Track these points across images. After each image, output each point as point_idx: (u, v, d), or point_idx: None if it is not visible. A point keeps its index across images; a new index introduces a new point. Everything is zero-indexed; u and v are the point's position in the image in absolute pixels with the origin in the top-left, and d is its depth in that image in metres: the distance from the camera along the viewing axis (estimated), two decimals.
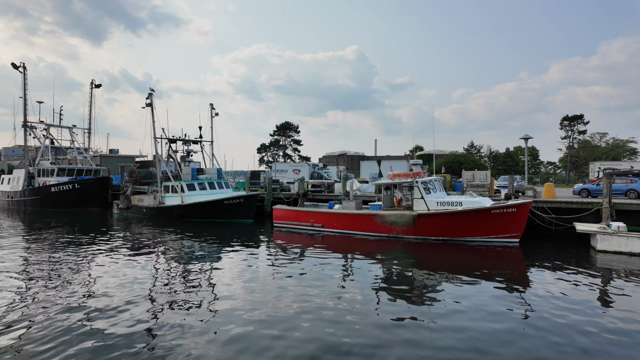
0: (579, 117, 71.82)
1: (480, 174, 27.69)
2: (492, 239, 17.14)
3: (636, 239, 14.48)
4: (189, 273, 12.16)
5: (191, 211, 26.56)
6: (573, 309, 8.76)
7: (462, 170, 32.70)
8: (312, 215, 21.50)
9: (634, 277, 11.46)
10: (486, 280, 11.24)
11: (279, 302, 9.23)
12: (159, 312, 8.54)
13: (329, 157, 67.28)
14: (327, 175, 39.13)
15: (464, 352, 6.62)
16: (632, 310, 8.70)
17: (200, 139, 30.86)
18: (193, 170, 28.55)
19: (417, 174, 18.59)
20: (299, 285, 10.62)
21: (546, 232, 19.07)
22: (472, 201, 17.59)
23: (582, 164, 61.19)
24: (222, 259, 14.43)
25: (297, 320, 8.02)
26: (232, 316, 8.28)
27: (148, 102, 28.33)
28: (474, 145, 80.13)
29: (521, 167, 64.36)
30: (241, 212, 25.41)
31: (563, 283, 10.97)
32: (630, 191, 20.78)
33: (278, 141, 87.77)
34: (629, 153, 60.99)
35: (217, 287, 10.60)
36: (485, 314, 8.41)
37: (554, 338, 7.17)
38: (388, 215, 18.56)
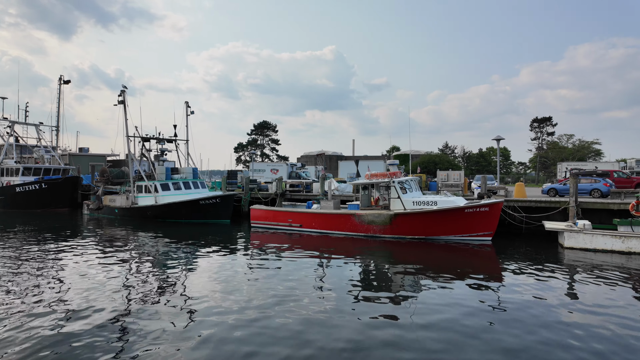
0: (548, 119, 74.72)
1: (454, 174, 28.36)
2: (465, 238, 17.58)
3: (600, 236, 15.18)
4: (163, 275, 11.87)
5: (165, 212, 25.95)
6: (541, 304, 9.08)
7: (437, 170, 33.39)
8: (290, 215, 21.43)
9: (598, 273, 12.00)
10: (460, 277, 11.50)
11: (256, 303, 9.13)
12: (131, 316, 8.28)
13: (307, 157, 67.19)
14: (305, 175, 39.02)
15: (437, 344, 6.75)
16: (595, 304, 9.10)
17: (175, 138, 30.19)
18: (167, 169, 27.90)
19: (394, 174, 18.84)
20: (276, 286, 10.54)
21: (517, 230, 19.72)
22: (447, 201, 17.98)
23: (550, 164, 63.67)
24: (197, 260, 14.16)
25: (273, 321, 7.96)
26: (207, 319, 8.13)
27: (120, 100, 27.46)
28: (448, 146, 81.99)
29: (493, 167, 66.31)
30: (217, 213, 25.03)
31: (532, 279, 11.36)
32: (594, 190, 21.77)
33: (256, 140, 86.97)
34: (593, 154, 63.98)
35: (192, 289, 10.38)
36: (458, 310, 8.59)
37: (523, 332, 7.41)
38: (366, 215, 18.72)
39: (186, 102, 31.01)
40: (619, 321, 8.01)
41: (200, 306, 8.90)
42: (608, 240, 15.00)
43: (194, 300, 9.37)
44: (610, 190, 21.21)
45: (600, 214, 18.24)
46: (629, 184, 24.75)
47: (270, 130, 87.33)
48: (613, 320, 8.04)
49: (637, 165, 42.10)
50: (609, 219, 17.17)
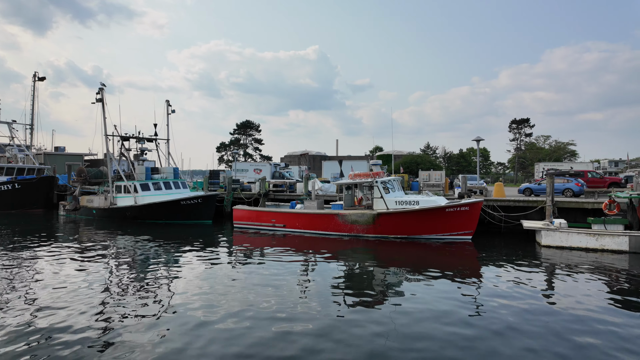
0: (526, 121, 76.72)
1: (435, 174, 28.81)
2: (447, 236, 17.87)
3: (575, 234, 15.67)
4: (143, 278, 11.62)
5: (145, 212, 25.42)
6: (519, 299, 9.29)
7: (419, 170, 33.83)
8: (274, 215, 21.32)
9: (573, 269, 12.38)
10: (441, 275, 11.67)
11: (239, 304, 9.03)
12: (108, 321, 8.07)
13: (291, 157, 67.05)
14: (289, 175, 38.89)
15: (417, 341, 6.82)
16: (570, 300, 9.38)
17: (155, 137, 29.61)
18: (147, 169, 27.34)
19: (377, 174, 18.99)
20: (259, 287, 10.46)
21: (496, 228, 20.16)
22: (428, 200, 18.23)
23: (528, 165, 65.40)
24: (178, 261, 13.92)
25: (256, 322, 7.89)
26: (188, 321, 7.99)
27: (99, 98, 26.78)
28: (430, 147, 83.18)
29: (473, 168, 67.66)
30: (199, 213, 24.69)
31: (511, 276, 11.63)
32: (566, 190, 22.50)
33: (238, 140, 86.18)
34: (569, 154, 66.08)
35: (174, 291, 10.20)
36: (438, 308, 8.71)
37: (501, 327, 7.57)
38: (349, 215, 18.80)
39: (167, 101, 30.48)
40: (594, 316, 8.27)
41: (182, 309, 8.75)
42: (583, 238, 15.50)
43: (175, 303, 9.20)
44: (583, 189, 21.98)
45: (575, 213, 18.83)
46: (602, 183, 25.63)
47: (253, 129, 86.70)
48: (588, 315, 8.30)
49: (610, 166, 43.70)
50: (584, 218, 17.75)
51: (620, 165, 49.06)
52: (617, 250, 14.79)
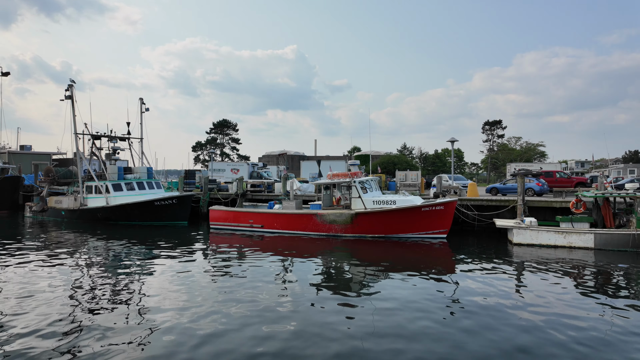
0: (498, 123, 79.04)
1: (412, 174, 29.29)
2: (422, 235, 18.18)
3: (544, 232, 16.26)
4: (115, 281, 11.25)
5: (118, 213, 24.66)
6: (491, 295, 9.55)
7: (396, 170, 34.29)
8: (252, 215, 21.11)
9: (543, 266, 12.83)
10: (418, 273, 11.85)
11: (216, 306, 8.88)
12: (78, 327, 7.77)
13: (269, 157, 66.62)
14: (267, 174, 38.61)
15: (398, 339, 6.91)
16: (539, 295, 9.72)
17: (129, 136, 28.78)
18: (120, 169, 26.51)
19: (355, 174, 19.12)
20: (236, 288, 10.32)
21: (470, 227, 20.68)
22: (405, 200, 18.50)
23: (500, 165, 67.39)
24: (152, 264, 13.56)
25: (233, 325, 7.78)
26: (162, 325, 7.79)
27: (68, 94, 25.77)
28: (406, 147, 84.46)
29: (448, 168, 69.18)
30: (174, 214, 24.16)
31: (484, 273, 11.95)
32: (528, 189, 23.50)
33: (215, 139, 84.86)
34: (539, 155, 68.54)
35: (147, 294, 9.93)
36: (415, 304, 8.85)
37: (474, 322, 7.77)
38: (327, 215, 18.84)
39: (140, 99, 29.67)
40: (560, 310, 8.60)
41: (155, 312, 8.52)
42: (552, 236, 16.10)
43: (148, 306, 8.95)
44: (543, 189, 23.13)
45: (545, 212, 19.54)
46: (569, 183, 26.72)
47: (230, 129, 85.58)
48: (555, 310, 8.62)
49: (577, 166, 45.63)
50: (553, 216, 18.43)
51: (586, 166, 51.42)
52: (584, 247, 15.45)
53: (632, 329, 7.57)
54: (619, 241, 15.09)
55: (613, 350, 6.67)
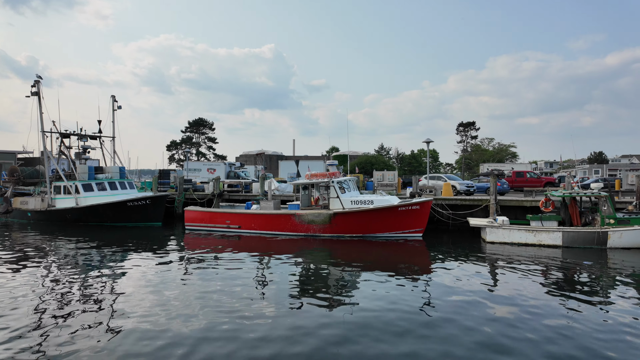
0: (472, 124, 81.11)
1: (389, 174, 29.64)
2: (399, 234, 18.44)
3: (516, 231, 16.79)
4: (85, 285, 10.84)
5: (88, 214, 23.81)
6: (464, 292, 9.79)
7: (373, 170, 34.61)
8: (229, 216, 20.82)
9: (514, 264, 13.25)
10: (394, 272, 11.99)
11: (190, 308, 8.70)
12: (44, 335, 7.43)
13: (247, 156, 65.93)
14: (244, 174, 38.18)
15: (374, 338, 6.96)
16: (510, 291, 10.03)
17: (100, 134, 27.81)
18: (90, 168, 25.59)
19: (333, 174, 19.17)
20: (212, 291, 10.13)
21: (445, 226, 21.12)
22: (382, 199, 18.71)
23: (474, 165, 69.23)
24: (124, 266, 13.15)
25: (208, 328, 7.63)
26: (134, 329, 7.56)
27: (34, 91, 24.67)
28: (383, 148, 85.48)
29: (424, 168, 70.48)
30: (148, 215, 23.54)
31: (458, 271, 12.21)
32: (488, 189, 24.42)
33: (191, 138, 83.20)
34: (510, 156, 70.83)
35: (119, 297, 9.61)
36: (392, 302, 8.95)
37: (447, 317, 7.94)
38: (306, 215, 18.81)
39: (112, 96, 28.73)
40: (530, 306, 8.90)
41: (128, 316, 8.26)
42: (523, 234, 16.65)
43: (120, 310, 8.67)
44: (503, 188, 24.51)
45: (516, 211, 20.19)
46: (539, 183, 27.74)
47: (206, 127, 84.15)
48: (525, 305, 8.91)
49: (546, 167, 47.44)
50: (524, 215, 19.06)
51: (554, 166, 53.56)
52: (553, 245, 16.06)
53: (594, 323, 7.90)
54: (585, 239, 15.77)
55: (576, 343, 6.94)
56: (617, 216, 15.77)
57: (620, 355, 6.51)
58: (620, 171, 35.50)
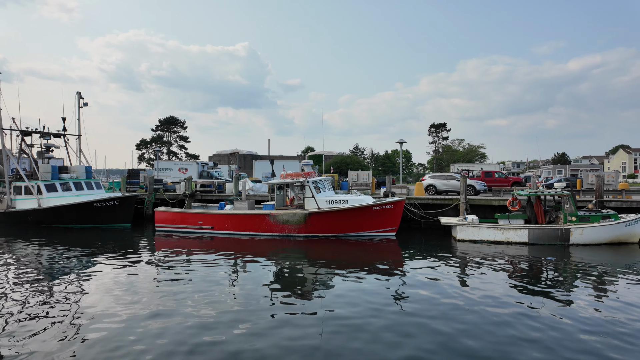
0: (443, 125, 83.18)
1: (363, 174, 29.89)
2: (373, 233, 18.65)
3: (485, 229, 17.34)
4: (47, 290, 10.32)
5: (52, 216, 22.73)
6: (436, 288, 10.02)
7: (348, 170, 34.85)
8: (201, 217, 20.39)
9: (483, 260, 13.67)
10: (369, 270, 12.12)
11: (161, 312, 8.45)
12: (8, 340, 7.02)
13: (220, 156, 64.79)
14: (217, 174, 37.52)
15: (351, 337, 7.00)
16: (478, 287, 10.34)
17: (64, 132, 26.60)
18: (54, 168, 24.42)
19: (308, 174, 19.15)
20: (183, 293, 9.88)
21: (417, 225, 21.55)
22: (357, 199, 18.86)
23: (445, 166, 70.95)
24: (91, 270, 12.61)
25: (179, 333, 7.44)
26: (101, 336, 7.27)
27: None
28: (358, 148, 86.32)
29: (397, 168, 71.64)
30: (116, 216, 22.73)
31: (430, 269, 12.48)
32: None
33: (161, 137, 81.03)
34: (479, 156, 73.09)
35: (85, 303, 9.21)
36: (366, 301, 9.03)
37: (423, 316, 8.09)
38: (281, 215, 18.69)
39: (78, 93, 27.56)
40: (495, 300, 9.21)
41: (94, 322, 7.93)
42: (491, 232, 17.21)
43: (86, 316, 8.31)
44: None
45: (485, 209, 20.86)
46: (506, 182, 28.73)
47: (178, 126, 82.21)
48: (491, 300, 9.22)
49: (513, 167, 49.26)
50: (492, 214, 19.70)
51: (521, 167, 55.75)
52: (519, 242, 16.68)
53: (557, 317, 8.27)
54: (549, 236, 16.48)
55: (538, 337, 7.24)
56: (579, 214, 16.58)
57: (573, 344, 6.83)
58: (581, 171, 37.38)
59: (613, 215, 16.49)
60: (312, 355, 6.45)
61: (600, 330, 7.52)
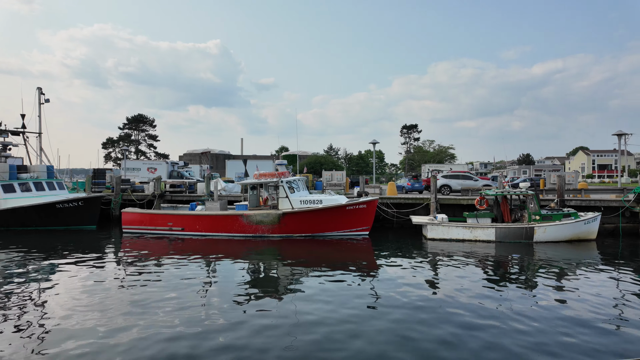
0: (415, 127, 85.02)
1: (337, 174, 30.06)
2: (347, 233, 18.78)
3: (454, 228, 17.82)
4: (7, 297, 9.73)
5: (10, 218, 21.46)
6: (406, 287, 10.20)
7: (322, 170, 34.93)
8: (171, 217, 19.84)
9: (452, 258, 14.04)
10: (342, 270, 12.17)
11: (127, 317, 8.14)
12: None
13: (191, 155, 63.36)
14: (188, 174, 36.67)
15: (326, 337, 7.00)
16: (447, 284, 10.62)
17: (23, 130, 25.19)
18: (12, 167, 23.05)
19: (282, 173, 19.04)
20: (151, 297, 9.57)
21: (389, 224, 21.88)
22: (331, 199, 18.93)
23: (416, 166, 72.51)
24: (53, 275, 11.99)
25: (148, 336, 7.20)
26: (62, 350, 6.92)
27: None
28: (332, 148, 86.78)
29: (371, 168, 72.56)
30: (80, 217, 21.78)
31: (401, 267, 12.70)
32: (401, 187, 26.78)
33: (129, 135, 78.39)
34: (449, 157, 75.19)
35: (47, 310, 8.74)
36: (339, 299, 9.07)
37: (395, 312, 8.22)
38: (254, 215, 18.48)
39: (39, 88, 26.16)
40: (464, 295, 9.49)
41: (56, 328, 7.54)
42: (460, 231, 17.71)
43: (49, 323, 7.89)
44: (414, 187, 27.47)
45: (454, 209, 21.44)
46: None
47: (147, 124, 79.81)
48: (461, 294, 9.49)
49: (481, 167, 50.92)
50: (461, 213, 20.28)
51: (488, 167, 57.77)
52: (487, 240, 17.25)
53: (521, 313, 8.61)
54: (515, 234, 17.14)
55: (503, 331, 7.51)
56: (542, 213, 17.33)
57: (536, 338, 7.14)
58: (544, 172, 39.14)
59: (573, 214, 17.35)
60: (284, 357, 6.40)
61: (555, 322, 7.88)
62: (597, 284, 10.90)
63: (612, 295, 9.82)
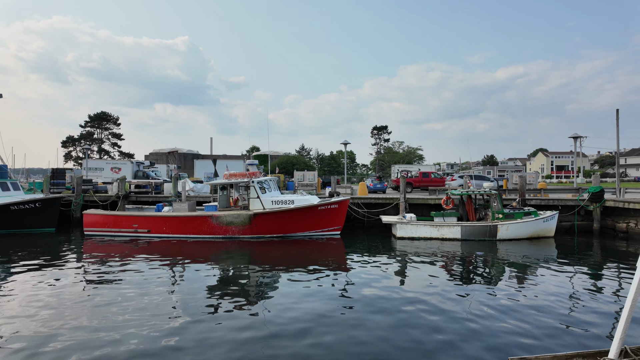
0: (385, 128, 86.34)
1: (309, 174, 30.10)
2: (319, 233, 18.82)
3: (422, 226, 18.25)
4: None
5: None
6: (375, 285, 10.35)
7: (294, 170, 34.84)
8: (136, 219, 19.15)
9: (420, 256, 14.38)
10: (313, 269, 12.19)
11: (89, 325, 7.78)
12: None
13: (158, 154, 61.43)
14: (154, 174, 35.52)
15: (295, 337, 6.97)
16: (415, 281, 10.88)
17: None
18: None
19: (253, 174, 18.82)
20: (115, 303, 9.20)
21: (360, 223, 22.13)
22: (303, 199, 18.90)
23: (387, 166, 73.75)
24: (8, 281, 11.28)
25: (113, 345, 6.91)
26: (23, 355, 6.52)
27: None
28: (304, 148, 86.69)
29: (342, 169, 73.11)
30: (38, 220, 20.62)
31: (371, 265, 12.87)
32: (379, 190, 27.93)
33: (92, 134, 74.93)
34: (418, 158, 76.95)
35: (1, 319, 8.21)
36: (310, 298, 9.07)
37: (365, 311, 8.32)
38: (224, 216, 18.15)
39: None
40: (433, 291, 9.75)
41: (13, 341, 7.09)
42: (428, 229, 18.16)
43: (3, 334, 7.41)
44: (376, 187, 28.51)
45: (422, 208, 21.97)
46: (441, 182, 30.54)
47: (110, 122, 76.57)
48: (428, 291, 9.73)
49: (448, 168, 52.48)
50: (429, 212, 20.81)
51: (454, 167, 59.65)
52: (453, 238, 17.79)
53: (484, 309, 8.94)
54: (479, 232, 17.78)
55: (470, 327, 7.78)
56: (505, 212, 18.07)
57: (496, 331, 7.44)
58: (507, 172, 40.80)
59: (533, 212, 18.21)
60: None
61: (518, 314, 8.24)
62: (555, 278, 11.49)
63: (569, 289, 10.38)
